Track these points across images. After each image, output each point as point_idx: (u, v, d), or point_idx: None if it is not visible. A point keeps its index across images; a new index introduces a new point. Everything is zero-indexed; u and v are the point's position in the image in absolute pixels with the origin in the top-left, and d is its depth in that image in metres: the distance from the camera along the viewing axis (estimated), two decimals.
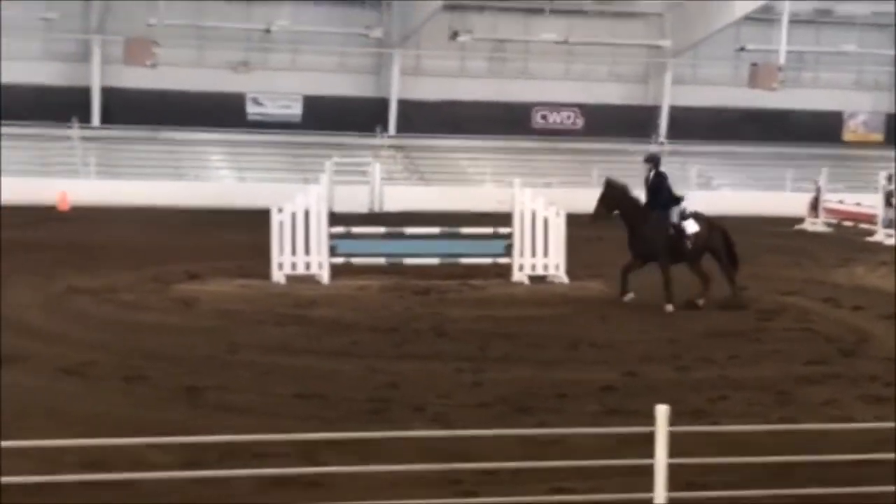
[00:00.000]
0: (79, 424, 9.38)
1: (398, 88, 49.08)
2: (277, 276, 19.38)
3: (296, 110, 48.96)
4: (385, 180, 43.44)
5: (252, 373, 11.76)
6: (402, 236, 20.73)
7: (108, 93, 47.00)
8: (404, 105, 49.07)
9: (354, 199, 38.01)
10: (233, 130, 47.07)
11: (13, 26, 46.26)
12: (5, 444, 7.84)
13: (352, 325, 15.21)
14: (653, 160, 18.50)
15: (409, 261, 20.07)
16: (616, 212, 17.97)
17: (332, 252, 19.67)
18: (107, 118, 46.95)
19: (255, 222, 22.72)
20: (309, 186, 21.03)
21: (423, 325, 15.22)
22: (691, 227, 17.91)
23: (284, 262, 19.54)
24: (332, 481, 7.55)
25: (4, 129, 45.06)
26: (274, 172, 43.94)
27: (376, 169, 43.34)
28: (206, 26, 47.11)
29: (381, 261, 20.09)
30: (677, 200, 18.13)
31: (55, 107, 45.72)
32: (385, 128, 48.71)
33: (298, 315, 15.95)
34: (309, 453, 8.36)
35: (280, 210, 19.66)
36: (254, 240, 21.92)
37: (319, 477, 7.59)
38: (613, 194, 18.05)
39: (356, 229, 20.82)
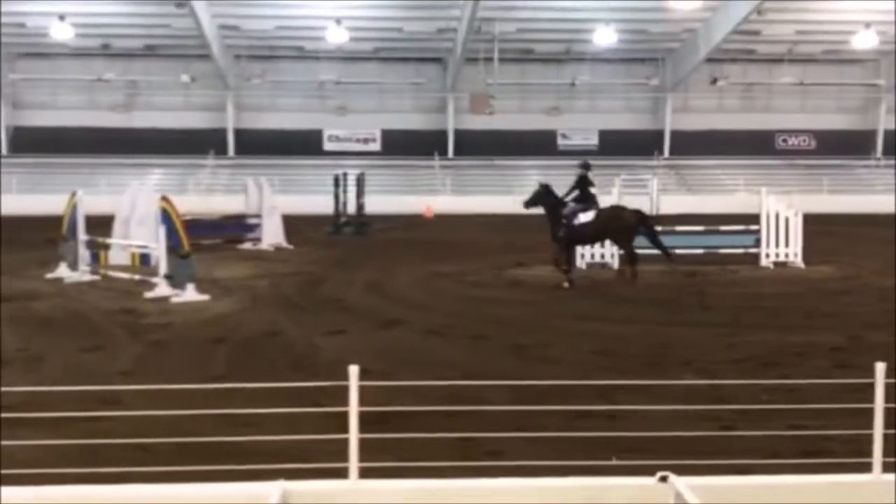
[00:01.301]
0: (440, 370, 9.64)
1: (670, 122, 48.00)
2: (581, 263, 19.31)
3: (593, 141, 48.69)
4: (661, 191, 42.54)
5: (562, 334, 11.75)
6: (674, 232, 20.26)
7: (458, 134, 48.22)
8: (675, 135, 47.98)
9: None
10: (546, 158, 47.30)
11: (392, 90, 48.21)
12: (395, 383, 8.18)
13: (635, 299, 14.97)
14: (583, 165, 17.72)
15: (679, 251, 19.62)
16: (540, 205, 17.34)
17: None
18: (458, 151, 48.18)
19: None
20: (603, 198, 20.82)
21: (690, 300, 14.81)
22: (583, 217, 16.94)
23: (585, 252, 19.46)
24: (622, 416, 7.47)
25: (387, 161, 47.05)
26: None
27: (654, 183, 42.53)
28: (527, 83, 47.56)
29: (659, 251, 19.66)
30: (586, 199, 17.10)
31: (422, 145, 47.31)
32: (661, 151, 47.74)
33: (595, 291, 15.84)
34: (604, 395, 8.30)
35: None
36: None
37: (613, 412, 7.52)
38: (540, 192, 17.49)
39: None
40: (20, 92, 48.27)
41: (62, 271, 17.33)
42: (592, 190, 17.45)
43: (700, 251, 19.66)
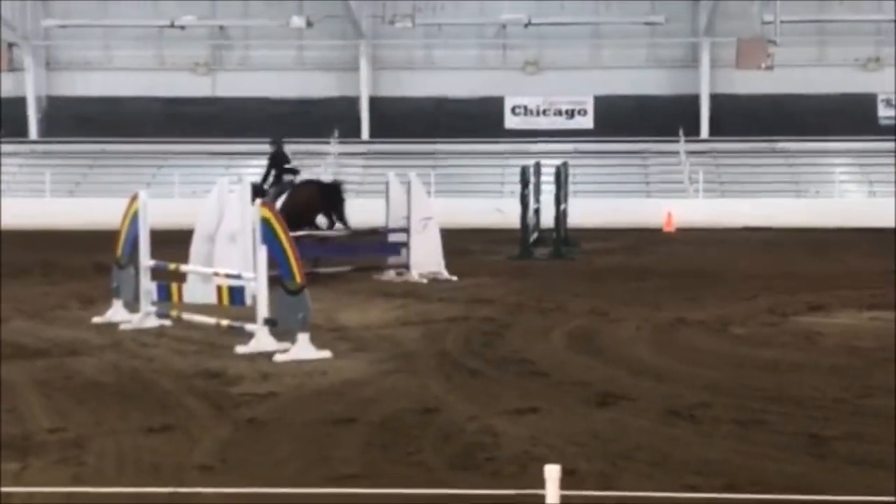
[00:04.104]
0: (689, 474, 9.49)
1: None
2: None
3: None
4: None
5: (889, 421, 11.39)
6: None
7: (717, 101, 47.63)
8: None
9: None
10: (861, 138, 46.09)
11: (613, 35, 48.13)
12: (616, 493, 8.10)
13: None
14: (273, 142, 25.34)
15: None
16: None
17: None
18: (716, 129, 47.54)
19: (890, 245, 22.15)
20: None
21: None
22: (279, 202, 22.83)
23: None
24: None
25: (604, 145, 46.88)
26: None
27: None
28: (828, 20, 46.61)
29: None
30: (282, 179, 24.34)
31: (659, 119, 46.93)
32: None
33: None
34: None
35: None
36: (887, 265, 21.36)
37: None
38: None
39: None
40: (57, 46, 50.72)
41: (116, 312, 18.01)
42: (289, 166, 24.85)
43: None
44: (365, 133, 49.04)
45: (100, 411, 11.79)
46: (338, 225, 24.41)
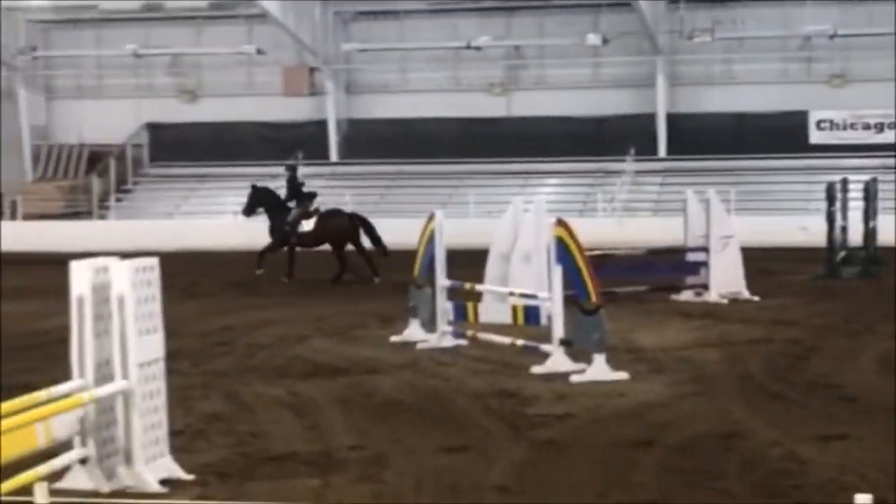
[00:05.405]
0: None
1: None
2: None
3: None
4: None
5: None
6: None
7: None
8: None
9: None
10: None
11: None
12: None
13: None
14: (289, 167, 29.60)
15: None
16: (261, 208, 28.47)
17: None
18: None
19: None
20: None
21: None
22: (305, 225, 27.76)
23: None
24: None
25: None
26: None
27: None
28: None
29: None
30: (302, 200, 28.29)
31: None
32: None
33: None
34: None
35: None
36: None
37: None
38: (257, 195, 28.57)
39: None
40: (356, 70, 52.10)
41: (413, 332, 18.32)
42: (306, 190, 28.84)
43: None
44: (662, 150, 48.78)
45: (398, 430, 12.01)
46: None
